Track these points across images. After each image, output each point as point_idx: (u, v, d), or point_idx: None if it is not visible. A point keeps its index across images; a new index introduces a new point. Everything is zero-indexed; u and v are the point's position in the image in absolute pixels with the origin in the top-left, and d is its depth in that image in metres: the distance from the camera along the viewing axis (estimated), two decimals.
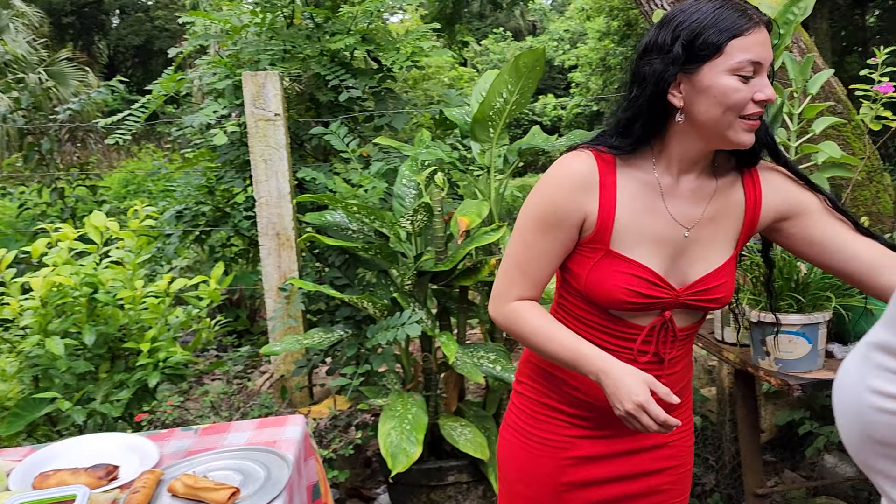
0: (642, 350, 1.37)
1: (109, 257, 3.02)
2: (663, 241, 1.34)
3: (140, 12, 25.05)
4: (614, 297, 1.32)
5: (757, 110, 1.24)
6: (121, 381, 2.76)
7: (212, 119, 2.88)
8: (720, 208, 1.37)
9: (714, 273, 1.36)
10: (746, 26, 1.21)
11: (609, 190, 1.31)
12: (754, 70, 1.22)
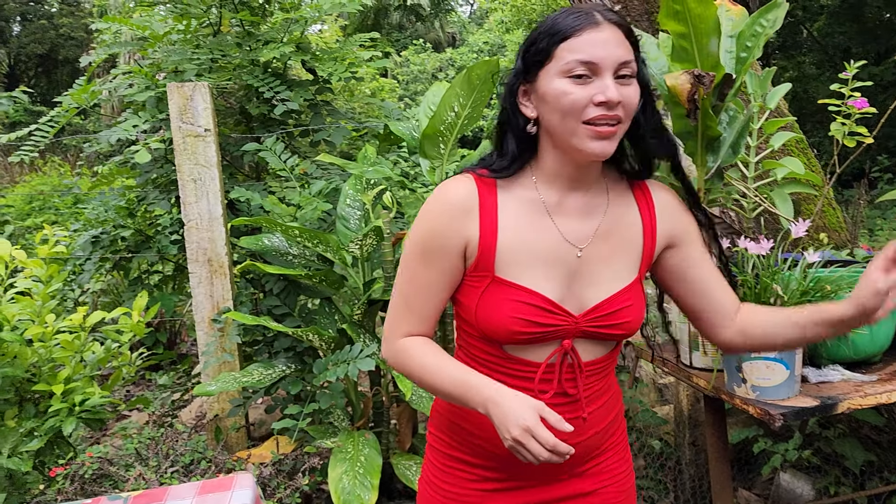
0: (542, 389, 1.24)
1: (14, 287, 2.70)
2: (555, 263, 1.23)
3: (43, 19, 23.76)
4: (505, 327, 1.21)
5: (601, 114, 1.15)
6: (30, 429, 2.45)
7: (132, 135, 2.61)
8: (614, 226, 1.28)
9: (616, 297, 1.25)
10: (577, 27, 1.16)
11: (489, 213, 1.23)
12: (591, 71, 1.15)
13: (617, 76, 1.16)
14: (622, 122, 1.17)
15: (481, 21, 29.10)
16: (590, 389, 1.28)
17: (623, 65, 1.15)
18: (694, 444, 2.84)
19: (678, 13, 1.91)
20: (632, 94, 1.17)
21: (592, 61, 1.14)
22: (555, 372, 1.24)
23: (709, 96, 1.94)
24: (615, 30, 1.16)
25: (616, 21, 1.17)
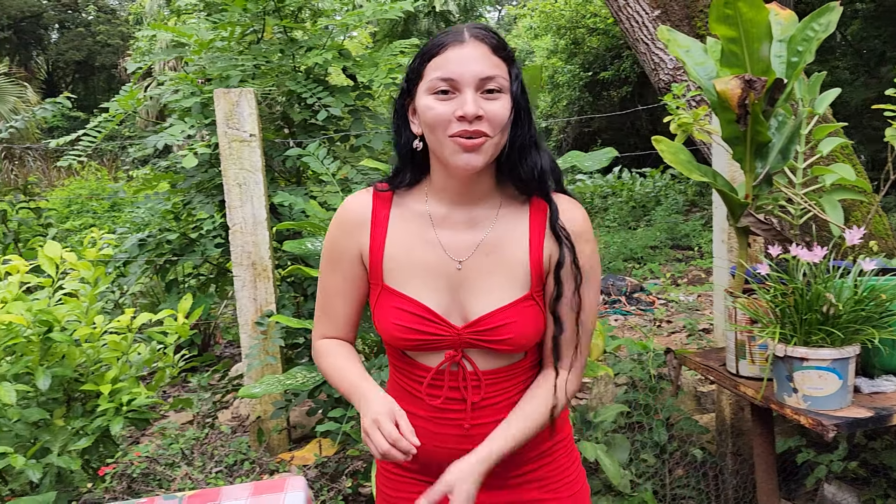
0: (431, 393, 1.31)
1: (63, 289, 2.75)
2: (437, 274, 1.29)
3: (81, 27, 24.27)
4: (391, 333, 1.29)
5: (462, 129, 1.18)
6: (78, 429, 2.49)
7: (178, 140, 2.66)
8: (500, 241, 1.29)
9: (499, 312, 1.26)
10: (442, 45, 1.20)
11: (380, 225, 1.32)
12: (452, 87, 1.19)
13: (483, 91, 1.18)
14: (489, 136, 1.19)
15: (509, 27, 29.08)
16: (497, 397, 1.31)
17: (486, 80, 1.18)
18: (737, 453, 2.80)
19: (729, 17, 1.90)
20: (497, 108, 1.18)
21: (451, 77, 1.18)
22: (444, 378, 1.30)
23: (759, 101, 1.92)
24: (478, 45, 1.19)
25: (482, 37, 1.20)
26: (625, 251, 8.86)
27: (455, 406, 1.31)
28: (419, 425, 1.30)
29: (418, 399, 1.32)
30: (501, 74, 1.19)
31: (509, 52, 1.22)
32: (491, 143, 1.20)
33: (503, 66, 1.21)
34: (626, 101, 15.53)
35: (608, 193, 12.51)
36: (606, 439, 2.83)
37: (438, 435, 1.32)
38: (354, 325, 1.42)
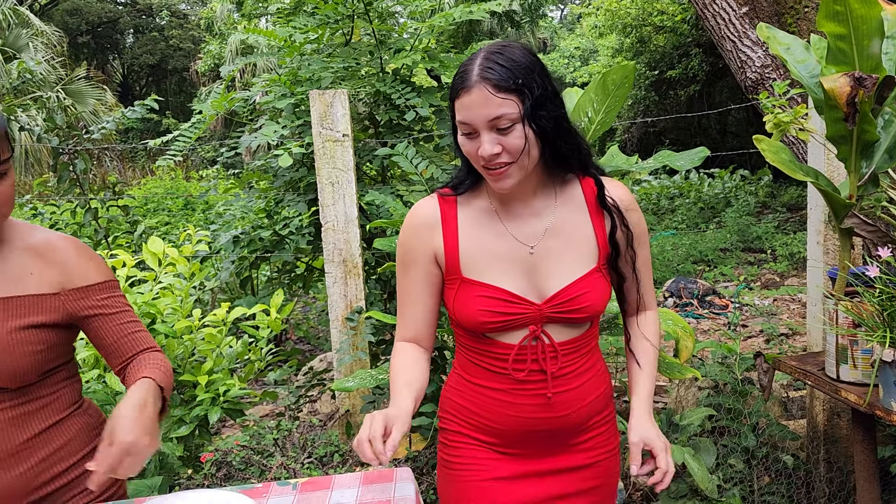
0: (517, 368, 1.44)
1: (160, 283, 2.87)
2: (511, 261, 1.42)
3: (154, 32, 25.13)
4: (476, 319, 1.41)
5: (485, 164, 1.33)
6: (178, 417, 2.60)
7: (273, 139, 2.74)
8: (562, 223, 1.44)
9: (573, 285, 1.41)
10: (456, 90, 1.33)
11: (451, 224, 1.45)
12: (471, 129, 1.32)
13: (496, 129, 1.30)
14: (513, 162, 1.33)
15: (572, 26, 28.84)
16: (570, 367, 1.45)
17: (496, 119, 1.29)
18: (830, 461, 2.73)
19: (838, 14, 1.86)
20: (512, 140, 1.30)
21: (467, 122, 1.32)
22: (526, 353, 1.43)
23: (869, 100, 1.87)
24: (483, 89, 1.28)
25: (487, 76, 1.28)
26: (694, 253, 8.69)
27: (536, 377, 1.44)
28: (500, 398, 1.46)
29: (498, 374, 1.45)
30: (509, 111, 1.29)
31: (517, 81, 1.29)
32: (515, 166, 1.33)
33: (511, 99, 1.29)
34: (694, 101, 15.21)
35: (675, 195, 12.29)
36: (692, 443, 2.79)
37: (519, 406, 1.45)
38: (430, 325, 1.53)
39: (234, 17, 18.46)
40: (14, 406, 1.43)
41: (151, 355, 1.52)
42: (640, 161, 2.67)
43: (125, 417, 1.32)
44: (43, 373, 1.46)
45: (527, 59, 1.33)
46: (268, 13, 3.79)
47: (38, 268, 1.44)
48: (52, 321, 1.43)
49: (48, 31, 14.64)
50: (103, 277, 1.50)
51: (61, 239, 1.49)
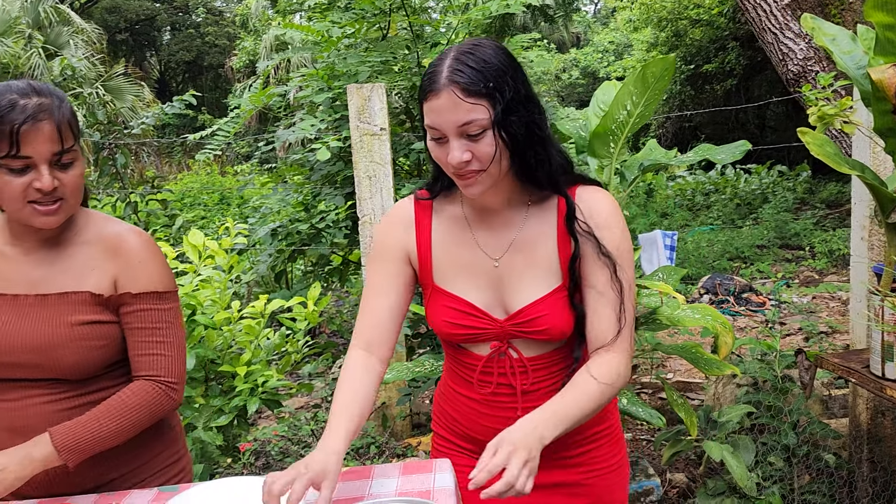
0: (483, 380, 1.41)
1: (199, 275, 2.91)
2: (477, 272, 1.38)
3: (191, 29, 25.48)
4: (441, 329, 1.40)
5: (455, 170, 1.25)
6: (218, 407, 2.64)
7: (310, 133, 2.76)
8: (531, 238, 1.37)
9: (534, 305, 1.35)
10: (425, 91, 1.25)
11: (424, 229, 1.41)
12: (439, 134, 1.24)
13: (466, 135, 1.23)
14: (483, 169, 1.25)
15: (606, 20, 28.57)
16: (544, 382, 1.39)
17: (465, 125, 1.21)
18: (873, 460, 2.68)
19: (887, 3, 1.82)
20: (482, 147, 1.22)
21: (435, 127, 1.24)
22: (493, 367, 1.39)
23: None
24: (451, 94, 1.20)
25: (456, 80, 1.21)
26: (730, 250, 8.57)
27: (505, 391, 1.40)
28: (473, 407, 1.44)
29: (471, 384, 1.43)
30: (478, 116, 1.21)
31: (487, 85, 1.21)
32: (485, 174, 1.26)
33: (481, 104, 1.21)
34: (731, 95, 14.97)
35: (711, 190, 12.12)
36: (731, 440, 2.76)
37: (491, 417, 1.42)
38: (389, 328, 1.43)
39: (269, 13, 18.63)
40: (76, 397, 1.46)
41: (136, 386, 1.45)
42: (679, 155, 2.65)
43: None
44: (105, 367, 1.47)
45: (499, 59, 1.25)
46: (302, 9, 3.81)
47: (102, 263, 1.44)
48: (108, 319, 1.44)
49: (88, 29, 14.92)
50: (153, 287, 1.46)
51: (135, 235, 1.47)
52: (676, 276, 2.68)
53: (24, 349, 1.40)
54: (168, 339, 1.48)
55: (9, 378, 1.44)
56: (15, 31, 14.00)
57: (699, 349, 2.61)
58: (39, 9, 14.45)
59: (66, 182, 1.36)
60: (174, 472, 1.61)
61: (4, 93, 1.32)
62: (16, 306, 1.42)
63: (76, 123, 1.38)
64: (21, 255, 1.45)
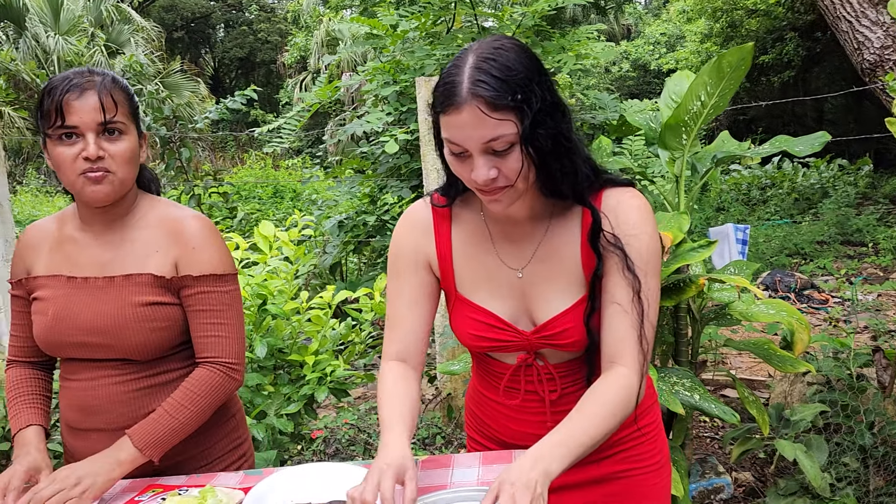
0: (510, 388, 1.38)
1: (268, 266, 2.97)
2: (500, 284, 1.33)
3: (244, 26, 25.92)
4: (465, 341, 1.36)
5: (480, 187, 1.18)
6: (287, 395, 2.69)
7: (378, 126, 2.79)
8: (553, 248, 1.32)
9: (560, 317, 1.30)
10: (443, 105, 1.14)
11: (443, 236, 1.36)
12: (462, 150, 1.16)
13: (491, 152, 1.15)
14: (510, 185, 1.17)
15: (658, 11, 28.08)
16: (573, 387, 1.36)
17: (491, 142, 1.13)
18: None
19: None
20: (509, 164, 1.15)
21: (457, 143, 1.14)
22: (520, 376, 1.36)
23: None
24: (474, 108, 1.11)
25: (479, 93, 1.10)
26: (788, 246, 8.37)
27: (534, 398, 1.38)
28: (503, 412, 1.43)
29: (494, 391, 1.42)
30: (505, 132, 1.12)
31: (515, 97, 1.12)
32: (511, 189, 1.19)
33: (507, 118, 1.12)
34: (788, 87, 14.59)
35: (767, 185, 11.84)
36: (803, 439, 2.70)
37: (522, 422, 1.41)
38: (420, 339, 1.40)
39: (320, 9, 18.83)
40: (143, 377, 1.50)
41: (197, 373, 1.49)
42: (753, 147, 2.59)
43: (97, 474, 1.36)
44: (170, 348, 1.51)
45: (524, 64, 1.15)
46: (353, 5, 3.84)
47: (165, 246, 1.48)
48: (170, 301, 1.48)
49: (147, 27, 15.29)
50: (212, 270, 1.48)
51: (196, 220, 1.51)
52: (748, 270, 2.62)
53: (93, 330, 1.45)
54: (228, 320, 1.51)
55: (80, 358, 1.49)
56: (78, 29, 14.45)
57: (772, 345, 2.56)
58: (101, 7, 14.88)
59: (112, 153, 1.40)
60: (234, 458, 1.64)
61: (60, 76, 1.40)
62: (86, 288, 1.48)
63: (129, 100, 1.43)
64: (90, 238, 1.50)
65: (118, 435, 1.45)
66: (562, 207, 1.32)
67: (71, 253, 1.50)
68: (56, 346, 1.49)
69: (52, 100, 1.37)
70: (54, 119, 1.37)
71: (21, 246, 1.57)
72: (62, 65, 13.94)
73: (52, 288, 1.49)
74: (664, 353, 2.72)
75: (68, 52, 14.02)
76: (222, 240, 1.53)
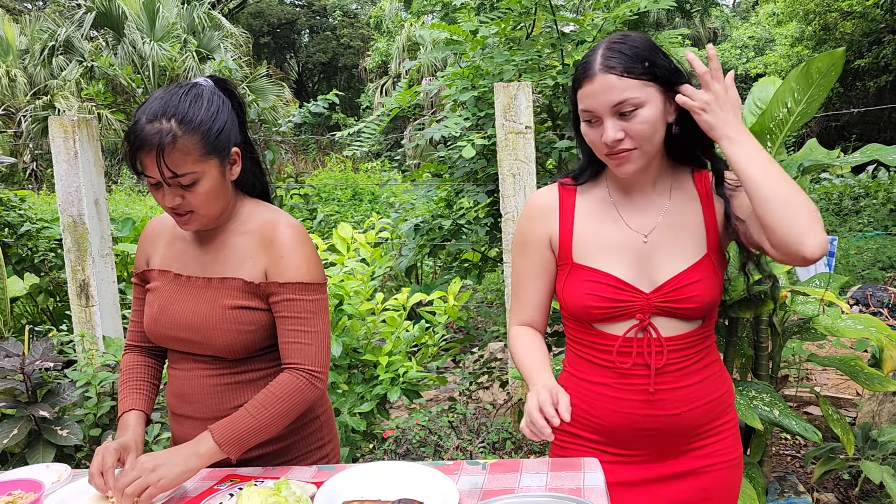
0: (621, 360, 1.43)
1: (345, 267, 3.04)
2: (624, 249, 1.43)
3: (327, 31, 26.55)
4: (583, 303, 1.43)
5: (609, 150, 1.34)
6: (360, 395, 2.75)
7: (456, 131, 2.82)
8: (677, 214, 1.44)
9: (683, 274, 1.40)
10: (578, 79, 1.35)
11: (567, 211, 1.48)
12: (594, 117, 1.33)
13: (620, 114, 1.31)
14: (636, 147, 1.33)
15: (746, 14, 27.22)
16: (678, 364, 1.43)
17: (619, 104, 1.30)
18: None
19: None
20: (636, 125, 1.31)
21: (590, 110, 1.33)
22: (632, 345, 1.42)
23: None
24: (606, 77, 1.30)
25: (611, 65, 1.30)
26: (882, 259, 7.96)
27: (640, 371, 1.43)
28: (603, 393, 1.47)
29: (603, 367, 1.47)
30: (632, 95, 1.30)
31: (644, 64, 1.30)
32: (638, 152, 1.35)
33: (637, 83, 1.30)
34: (885, 92, 13.88)
35: (861, 194, 11.29)
36: (891, 461, 2.57)
37: (622, 401, 1.45)
38: (543, 309, 1.55)
39: (402, 15, 19.10)
40: (231, 374, 1.58)
41: (281, 377, 1.52)
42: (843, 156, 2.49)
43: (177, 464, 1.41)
44: (257, 350, 1.57)
45: (649, 44, 1.34)
46: (434, 10, 3.89)
47: (257, 254, 1.54)
48: (258, 306, 1.53)
49: (236, 33, 15.87)
50: (299, 278, 1.52)
51: (288, 228, 1.54)
52: (836, 283, 2.52)
53: (187, 326, 1.53)
54: (313, 328, 1.54)
55: (178, 350, 1.59)
56: (172, 35, 15.14)
57: (859, 362, 2.45)
58: (194, 15, 15.53)
59: (189, 199, 1.44)
60: (315, 459, 1.68)
61: (142, 109, 1.43)
62: (188, 287, 1.56)
63: (202, 139, 1.42)
64: (196, 240, 1.59)
65: (207, 424, 1.52)
66: (677, 178, 1.47)
67: (180, 251, 1.59)
68: (158, 337, 1.59)
69: (130, 149, 1.42)
70: (134, 169, 1.44)
71: (142, 238, 1.67)
72: (156, 70, 14.63)
73: (161, 282, 1.59)
74: (743, 367, 2.65)
75: (162, 57, 14.68)
76: (313, 249, 1.57)
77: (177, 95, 1.46)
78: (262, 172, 1.66)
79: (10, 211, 3.35)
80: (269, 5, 25.14)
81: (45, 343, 2.52)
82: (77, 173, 2.94)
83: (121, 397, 1.63)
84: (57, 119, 2.97)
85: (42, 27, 16.08)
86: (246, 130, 1.60)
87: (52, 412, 2.43)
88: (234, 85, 1.63)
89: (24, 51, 16.23)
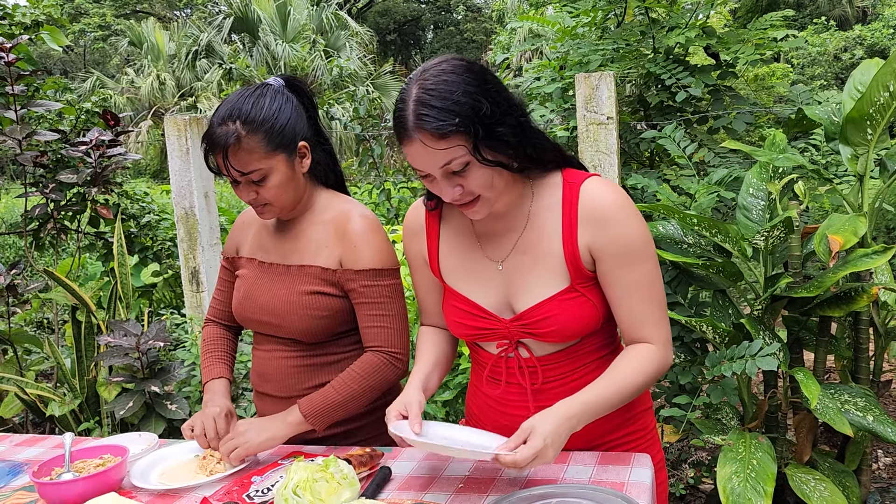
0: (492, 378, 1.45)
1: None
2: (481, 275, 1.41)
3: (451, 26, 26.88)
4: (451, 328, 1.47)
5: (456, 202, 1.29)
6: (444, 382, 2.81)
7: (540, 123, 2.82)
8: (534, 239, 1.37)
9: (540, 306, 1.34)
10: (400, 136, 1.25)
11: (433, 233, 1.47)
12: (425, 174, 1.26)
13: (451, 173, 1.24)
14: (479, 195, 1.27)
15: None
16: (558, 381, 1.40)
17: (446, 166, 1.22)
18: None
19: None
20: (472, 179, 1.24)
21: (419, 170, 1.27)
22: (501, 368, 1.43)
23: None
24: (422, 142, 1.20)
25: (423, 126, 1.19)
26: None
27: (516, 390, 1.43)
28: (491, 405, 1.49)
29: (489, 380, 1.48)
30: (455, 156, 1.21)
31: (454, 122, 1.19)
32: (482, 199, 1.29)
33: (453, 143, 1.20)
34: None
35: None
36: None
37: (506, 415, 1.46)
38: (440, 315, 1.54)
39: (524, 7, 19.02)
40: (307, 357, 1.69)
41: (364, 357, 1.62)
42: None
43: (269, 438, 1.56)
44: (333, 334, 1.67)
45: (463, 83, 1.21)
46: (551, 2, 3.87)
47: (333, 243, 1.63)
48: (333, 293, 1.63)
49: (361, 32, 16.41)
50: (372, 265, 1.59)
51: (361, 219, 1.62)
52: None
53: (266, 310, 1.65)
54: (390, 312, 1.62)
55: (261, 332, 1.72)
56: (302, 36, 15.88)
57: None
58: (322, 15, 16.22)
59: (262, 193, 1.56)
60: (384, 442, 1.75)
61: (216, 113, 1.55)
62: (270, 272, 1.68)
63: (266, 137, 1.52)
64: (278, 229, 1.71)
65: (285, 402, 1.65)
66: (541, 194, 1.38)
67: (265, 240, 1.72)
68: (243, 319, 1.73)
69: (205, 151, 1.55)
70: (212, 169, 1.57)
71: (235, 226, 1.82)
72: (288, 69, 15.39)
73: (248, 269, 1.72)
74: (843, 370, 2.48)
75: (293, 57, 15.43)
76: (384, 236, 1.65)
77: (242, 97, 1.58)
78: (335, 163, 1.75)
79: (135, 203, 3.67)
80: (395, 3, 25.78)
81: (158, 324, 2.75)
82: (189, 168, 3.19)
83: (206, 365, 1.78)
84: (171, 118, 3.23)
85: (187, 33, 17.33)
86: (317, 124, 1.70)
87: (162, 388, 2.66)
88: (304, 82, 1.73)
89: (172, 55, 17.55)
